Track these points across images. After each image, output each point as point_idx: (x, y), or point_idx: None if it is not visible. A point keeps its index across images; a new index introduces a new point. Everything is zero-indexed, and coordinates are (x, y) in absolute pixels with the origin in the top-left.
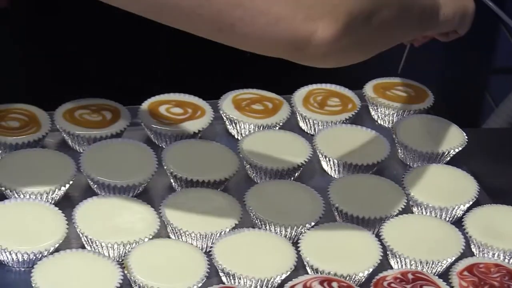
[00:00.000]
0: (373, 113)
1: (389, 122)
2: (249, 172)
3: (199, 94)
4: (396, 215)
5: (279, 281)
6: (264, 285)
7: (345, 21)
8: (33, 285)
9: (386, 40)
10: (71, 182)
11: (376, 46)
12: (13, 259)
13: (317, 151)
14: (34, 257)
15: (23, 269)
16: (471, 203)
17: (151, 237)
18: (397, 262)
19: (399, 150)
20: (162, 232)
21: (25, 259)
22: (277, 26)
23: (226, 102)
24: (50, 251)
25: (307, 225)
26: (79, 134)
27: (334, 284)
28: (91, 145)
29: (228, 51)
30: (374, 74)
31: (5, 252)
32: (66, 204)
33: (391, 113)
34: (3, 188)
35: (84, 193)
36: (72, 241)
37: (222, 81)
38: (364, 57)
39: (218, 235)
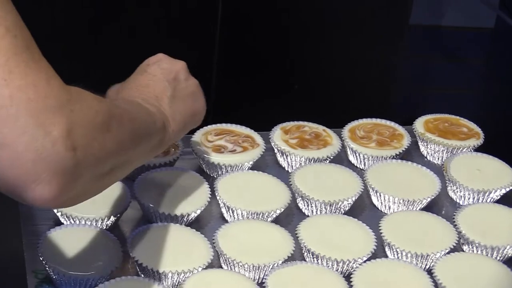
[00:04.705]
0: (422, 149)
1: (438, 158)
2: (299, 204)
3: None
4: (448, 253)
5: None
6: None
7: (72, 184)
8: None
9: (120, 176)
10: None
11: (109, 184)
12: (71, 284)
13: (368, 185)
14: (91, 282)
15: None
16: None
17: (204, 267)
18: None
19: (448, 187)
20: (215, 262)
21: (82, 283)
22: None
23: (277, 134)
24: (106, 277)
25: (359, 259)
26: None
27: None
28: (144, 173)
29: (275, 82)
30: (424, 110)
31: (59, 275)
32: (118, 230)
33: (441, 150)
34: (59, 214)
35: (137, 220)
36: (128, 267)
37: (271, 112)
38: (99, 192)
39: (270, 267)
